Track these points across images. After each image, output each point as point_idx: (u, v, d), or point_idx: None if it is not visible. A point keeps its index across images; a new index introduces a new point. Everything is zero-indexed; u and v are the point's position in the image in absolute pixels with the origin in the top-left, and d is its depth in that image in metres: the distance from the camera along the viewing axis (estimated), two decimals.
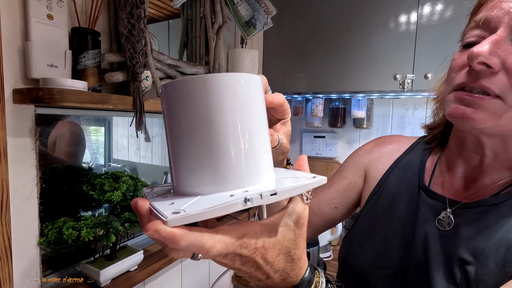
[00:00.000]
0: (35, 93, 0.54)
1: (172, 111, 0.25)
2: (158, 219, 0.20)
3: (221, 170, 0.24)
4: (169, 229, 0.20)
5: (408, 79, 1.20)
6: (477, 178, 0.44)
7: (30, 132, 0.62)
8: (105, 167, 1.07)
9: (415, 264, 0.43)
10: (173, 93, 0.24)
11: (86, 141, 0.94)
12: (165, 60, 0.83)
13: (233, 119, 0.24)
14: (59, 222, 0.66)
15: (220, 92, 0.24)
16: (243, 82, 0.25)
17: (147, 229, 0.20)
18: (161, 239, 0.20)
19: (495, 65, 0.35)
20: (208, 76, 0.23)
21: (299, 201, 0.28)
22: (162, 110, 0.26)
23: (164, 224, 0.20)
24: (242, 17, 1.11)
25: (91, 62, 0.66)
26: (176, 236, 0.20)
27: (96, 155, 1.03)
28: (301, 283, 0.28)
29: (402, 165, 0.53)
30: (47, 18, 0.60)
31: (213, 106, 0.23)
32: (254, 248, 0.25)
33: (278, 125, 0.36)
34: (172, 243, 0.20)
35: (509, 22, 0.35)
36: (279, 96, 0.33)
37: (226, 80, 0.24)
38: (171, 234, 0.20)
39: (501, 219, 0.39)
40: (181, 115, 0.24)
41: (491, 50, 0.35)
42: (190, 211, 0.20)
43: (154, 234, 0.20)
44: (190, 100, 0.24)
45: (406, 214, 0.47)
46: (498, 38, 0.35)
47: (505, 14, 0.35)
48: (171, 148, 0.26)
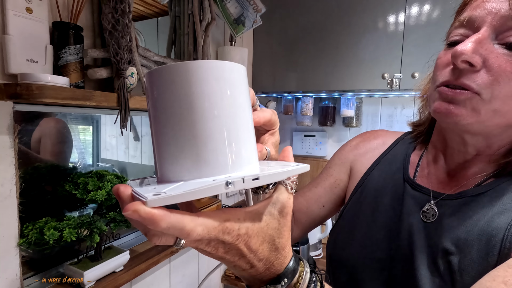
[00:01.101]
0: (13, 88, 0.52)
1: (155, 98, 0.24)
2: (137, 201, 0.20)
3: (204, 156, 0.24)
4: (149, 209, 0.20)
5: (396, 78, 1.22)
6: (459, 170, 0.45)
7: (8, 129, 0.59)
8: (93, 167, 1.05)
9: (401, 256, 0.44)
10: (157, 79, 0.24)
11: (74, 140, 0.91)
12: (152, 57, 0.82)
13: (216, 106, 0.24)
14: (40, 222, 0.64)
15: (203, 78, 0.23)
16: (226, 69, 0.25)
17: (126, 209, 0.20)
18: (140, 219, 0.20)
19: (477, 64, 0.36)
20: (191, 62, 0.23)
21: (284, 190, 0.28)
22: (146, 98, 0.26)
23: (144, 204, 0.19)
24: (231, 15, 1.10)
25: (73, 57, 0.64)
26: (156, 217, 0.20)
27: (84, 154, 1.01)
28: (285, 272, 0.28)
29: (387, 159, 0.54)
30: (26, 11, 0.58)
31: (196, 92, 0.23)
32: (237, 234, 0.24)
33: (267, 135, 0.36)
34: (152, 224, 0.20)
35: (492, 22, 0.36)
36: (265, 113, 0.33)
37: (209, 67, 0.24)
38: (151, 214, 0.20)
39: (483, 209, 0.40)
40: (165, 101, 0.24)
41: (474, 49, 0.36)
42: (171, 193, 0.20)
43: (133, 214, 0.19)
44: (173, 86, 0.23)
45: (391, 206, 0.48)
46: (481, 37, 0.36)
47: (488, 14, 0.37)
48: (155, 135, 0.25)
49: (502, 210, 0.38)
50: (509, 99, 0.36)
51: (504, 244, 0.36)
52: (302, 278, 0.29)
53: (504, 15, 0.35)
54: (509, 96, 0.36)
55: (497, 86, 0.36)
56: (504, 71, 0.35)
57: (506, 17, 0.35)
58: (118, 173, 1.07)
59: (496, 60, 0.36)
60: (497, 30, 0.36)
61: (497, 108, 0.36)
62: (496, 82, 0.36)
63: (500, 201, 0.39)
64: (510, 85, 0.35)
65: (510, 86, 0.35)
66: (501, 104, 0.36)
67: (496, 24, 0.36)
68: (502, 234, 0.37)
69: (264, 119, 0.33)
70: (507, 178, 0.41)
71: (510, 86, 0.35)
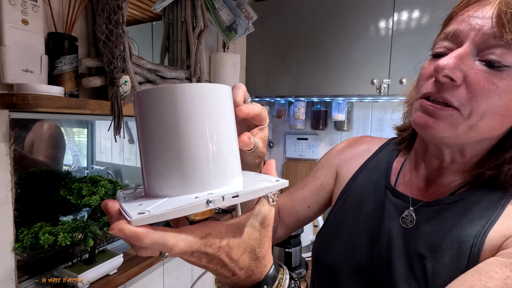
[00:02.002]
0: (9, 98, 0.54)
1: (143, 118, 0.26)
2: (123, 220, 0.22)
3: (188, 174, 0.26)
4: (133, 228, 0.22)
5: (384, 84, 1.25)
6: (436, 179, 0.47)
7: (4, 137, 0.61)
8: (88, 170, 1.06)
9: (380, 260, 0.46)
10: (144, 100, 0.26)
11: (68, 143, 0.93)
12: (145, 65, 0.84)
13: (200, 127, 0.26)
14: (35, 227, 0.65)
15: (187, 101, 0.25)
16: (210, 92, 0.27)
17: (112, 229, 0.22)
18: (125, 237, 0.22)
19: (458, 79, 0.37)
20: (177, 86, 0.25)
21: (265, 203, 0.30)
22: (134, 116, 0.28)
23: (129, 223, 0.21)
24: (223, 22, 1.13)
25: (68, 67, 0.66)
26: (140, 235, 0.22)
27: (78, 157, 1.02)
28: (265, 280, 0.30)
29: (371, 165, 0.56)
30: (22, 23, 0.60)
31: (180, 114, 0.25)
32: (218, 246, 0.26)
33: (256, 130, 0.37)
34: (136, 241, 0.22)
35: (474, 38, 0.37)
36: (255, 107, 0.34)
37: (194, 90, 0.26)
38: (135, 233, 0.22)
39: (456, 217, 0.42)
40: (151, 121, 0.26)
41: (455, 65, 0.37)
42: (154, 211, 0.22)
43: (119, 232, 0.22)
44: (159, 107, 0.25)
45: (373, 212, 0.50)
46: (463, 53, 0.37)
47: (471, 30, 0.37)
48: (142, 152, 0.27)
49: (473, 219, 0.40)
50: (485, 115, 0.37)
51: (473, 250, 0.38)
52: (281, 284, 0.31)
53: (486, 33, 0.36)
54: (486, 112, 0.37)
55: (475, 103, 0.37)
56: (482, 88, 0.36)
57: (488, 35, 0.36)
58: (113, 177, 1.09)
59: (475, 76, 0.37)
60: (479, 47, 0.37)
61: (473, 123, 0.38)
62: (474, 99, 0.37)
63: (471, 210, 0.41)
64: (487, 102, 0.37)
65: (487, 103, 0.37)
66: (477, 120, 0.38)
67: (478, 41, 0.37)
68: (471, 241, 0.39)
69: (253, 112, 0.34)
70: (478, 188, 0.43)
71: (487, 103, 0.37)
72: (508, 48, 0.35)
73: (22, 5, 0.60)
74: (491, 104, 0.37)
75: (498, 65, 0.36)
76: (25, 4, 0.60)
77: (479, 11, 0.37)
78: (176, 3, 1.01)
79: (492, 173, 0.42)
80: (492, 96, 0.36)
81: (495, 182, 0.42)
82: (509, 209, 0.39)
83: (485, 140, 0.42)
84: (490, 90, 0.36)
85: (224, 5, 1.10)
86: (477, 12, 0.38)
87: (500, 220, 0.39)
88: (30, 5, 0.61)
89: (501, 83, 0.36)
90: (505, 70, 0.36)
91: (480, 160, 0.44)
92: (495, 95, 0.36)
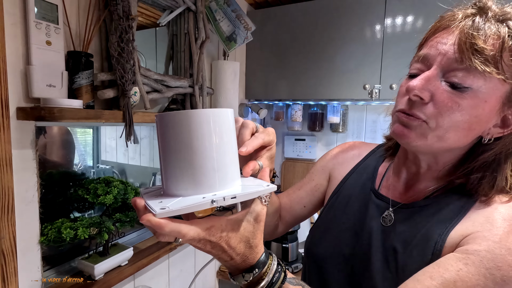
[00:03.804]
0: (38, 112, 0.62)
1: (164, 135, 0.35)
2: (150, 212, 0.30)
3: (198, 179, 0.34)
4: (157, 219, 0.30)
5: (375, 89, 1.33)
6: (414, 183, 0.53)
7: (31, 144, 0.70)
8: (93, 169, 1.12)
9: (361, 253, 0.52)
10: (165, 122, 0.34)
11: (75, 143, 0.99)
12: (152, 76, 0.92)
13: (208, 143, 0.34)
14: (57, 222, 0.74)
15: (198, 123, 0.33)
16: (216, 115, 0.35)
17: (142, 219, 0.30)
18: (151, 226, 0.30)
19: (426, 98, 0.43)
20: (190, 111, 0.33)
21: (259, 203, 0.37)
22: (156, 134, 0.36)
23: (154, 216, 0.30)
24: (223, 32, 1.21)
25: (85, 81, 0.75)
26: (162, 225, 0.30)
27: (84, 157, 1.08)
28: (256, 264, 0.37)
29: (360, 169, 0.62)
30: (46, 44, 0.68)
31: (193, 133, 0.33)
32: (219, 236, 0.34)
33: (264, 151, 0.44)
34: (159, 229, 0.30)
35: (441, 62, 0.42)
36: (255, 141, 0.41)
37: (202, 114, 0.34)
38: (158, 223, 0.30)
39: (427, 218, 0.47)
40: (170, 138, 0.34)
41: (423, 86, 0.42)
42: (172, 208, 0.30)
43: (147, 222, 0.30)
44: (176, 128, 0.33)
45: (358, 211, 0.56)
46: (431, 75, 0.43)
47: (438, 55, 0.43)
48: (162, 161, 0.35)
49: (440, 220, 0.46)
50: (450, 128, 0.43)
51: (436, 247, 0.44)
52: (270, 268, 0.38)
53: (450, 57, 0.41)
54: (451, 126, 0.43)
55: (441, 118, 0.42)
56: (446, 106, 0.42)
57: (452, 60, 0.41)
58: (118, 176, 1.17)
59: (441, 95, 0.42)
60: (444, 69, 0.42)
61: (441, 135, 0.43)
62: (440, 114, 0.42)
63: (440, 213, 0.47)
64: (451, 118, 0.42)
65: (451, 118, 0.42)
66: (444, 132, 0.43)
67: (444, 64, 0.42)
68: (436, 239, 0.44)
69: (253, 147, 0.40)
70: (448, 194, 0.48)
71: (451, 118, 0.42)
72: (468, 71, 0.40)
73: (46, 28, 0.68)
74: (454, 120, 0.42)
75: (459, 86, 0.41)
76: (48, 27, 0.68)
77: (445, 38, 0.43)
78: (180, 16, 1.09)
79: (461, 181, 0.47)
80: (455, 113, 0.42)
81: (463, 189, 0.47)
82: (470, 213, 0.45)
83: (454, 150, 0.47)
84: (453, 108, 0.42)
85: (224, 17, 1.18)
86: (443, 38, 0.43)
87: (461, 222, 0.44)
88: (53, 28, 0.69)
89: (463, 102, 0.41)
90: (465, 91, 0.41)
91: (452, 168, 0.49)
92: (457, 112, 0.42)
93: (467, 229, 0.43)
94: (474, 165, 0.46)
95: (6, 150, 0.64)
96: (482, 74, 0.40)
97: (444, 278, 0.39)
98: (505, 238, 0.39)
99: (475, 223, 0.43)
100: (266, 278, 0.37)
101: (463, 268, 0.39)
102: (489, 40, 0.40)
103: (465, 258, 0.40)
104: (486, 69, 0.39)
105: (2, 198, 0.63)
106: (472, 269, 0.39)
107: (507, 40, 0.40)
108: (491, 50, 0.39)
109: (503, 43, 0.40)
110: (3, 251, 0.64)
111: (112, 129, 1.23)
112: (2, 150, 0.63)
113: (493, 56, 0.39)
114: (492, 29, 0.40)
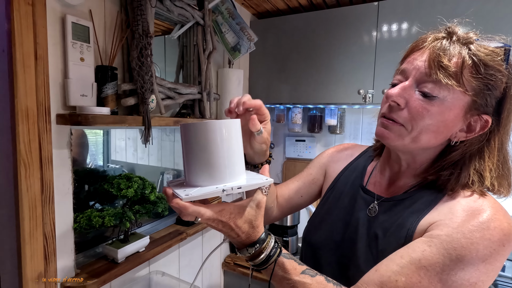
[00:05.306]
0: (75, 118, 0.75)
1: (187, 140, 0.45)
2: (177, 198, 0.41)
3: (212, 174, 0.44)
4: (183, 202, 0.40)
5: (369, 94, 1.43)
6: (396, 180, 0.60)
7: (67, 145, 0.82)
8: (103, 168, 1.22)
9: (349, 240, 0.59)
10: (188, 130, 0.45)
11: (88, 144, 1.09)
12: (166, 85, 1.04)
13: (220, 146, 0.44)
14: (87, 212, 0.87)
15: (213, 131, 0.44)
16: (227, 125, 0.45)
17: (172, 203, 0.41)
18: (178, 207, 0.41)
19: (402, 104, 0.51)
20: (207, 122, 0.44)
21: (260, 192, 0.46)
22: (181, 139, 0.46)
23: (181, 200, 0.40)
24: (229, 43, 1.33)
25: (111, 91, 0.87)
26: (186, 206, 0.41)
27: (95, 156, 1.17)
28: (257, 241, 0.46)
29: (352, 168, 0.70)
30: (80, 60, 0.81)
31: (209, 139, 0.44)
32: (228, 217, 0.44)
33: (262, 124, 0.52)
34: (184, 210, 0.41)
35: (415, 75, 0.50)
36: (257, 101, 0.51)
37: (217, 125, 0.44)
38: (184, 205, 0.41)
39: (403, 209, 0.54)
40: (192, 143, 0.45)
41: (400, 94, 0.50)
42: (194, 194, 0.41)
43: (176, 205, 0.40)
44: (196, 135, 0.44)
45: (348, 204, 0.64)
46: (407, 85, 0.51)
47: (413, 69, 0.51)
48: (185, 160, 0.46)
49: (413, 211, 0.52)
50: (422, 131, 0.50)
51: (408, 233, 0.51)
52: (268, 244, 0.47)
53: (422, 72, 0.49)
54: (422, 129, 0.50)
55: (414, 122, 0.50)
56: (418, 112, 0.49)
57: (423, 73, 0.49)
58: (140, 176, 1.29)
59: (413, 103, 0.50)
60: (418, 81, 0.50)
61: (415, 136, 0.51)
62: (413, 119, 0.50)
63: (415, 205, 0.53)
64: (422, 122, 0.49)
65: (423, 122, 0.50)
66: (417, 134, 0.51)
67: (417, 77, 0.50)
68: (408, 227, 0.51)
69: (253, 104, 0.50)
70: (423, 189, 0.55)
71: (422, 122, 0.49)
72: (435, 83, 0.48)
73: (80, 47, 0.81)
74: (425, 123, 0.50)
75: (429, 95, 0.49)
76: (82, 46, 0.81)
77: (419, 56, 0.51)
78: (189, 29, 1.21)
79: (432, 178, 0.54)
80: (425, 117, 0.49)
81: (435, 185, 0.53)
82: (438, 205, 0.51)
83: (428, 150, 0.54)
84: (423, 113, 0.49)
85: (230, 29, 1.30)
86: (418, 56, 0.51)
87: (430, 212, 0.51)
88: (85, 47, 0.82)
89: (432, 108, 0.49)
90: (434, 99, 0.49)
91: (428, 166, 0.56)
92: (427, 117, 0.49)
93: (433, 218, 0.50)
94: (444, 164, 0.53)
95: (48, 150, 0.76)
96: (446, 86, 0.47)
97: (412, 257, 0.46)
98: (462, 225, 0.46)
99: (440, 213, 0.50)
100: (265, 252, 0.46)
101: (427, 249, 0.46)
102: (453, 59, 0.47)
103: (429, 241, 0.47)
104: (448, 82, 0.47)
105: (46, 190, 0.75)
106: (434, 250, 0.45)
107: (467, 59, 0.47)
108: (454, 67, 0.47)
109: (463, 62, 0.47)
110: (45, 234, 0.76)
111: (121, 131, 1.32)
112: (45, 150, 0.75)
113: (455, 72, 0.47)
114: (456, 50, 0.48)
